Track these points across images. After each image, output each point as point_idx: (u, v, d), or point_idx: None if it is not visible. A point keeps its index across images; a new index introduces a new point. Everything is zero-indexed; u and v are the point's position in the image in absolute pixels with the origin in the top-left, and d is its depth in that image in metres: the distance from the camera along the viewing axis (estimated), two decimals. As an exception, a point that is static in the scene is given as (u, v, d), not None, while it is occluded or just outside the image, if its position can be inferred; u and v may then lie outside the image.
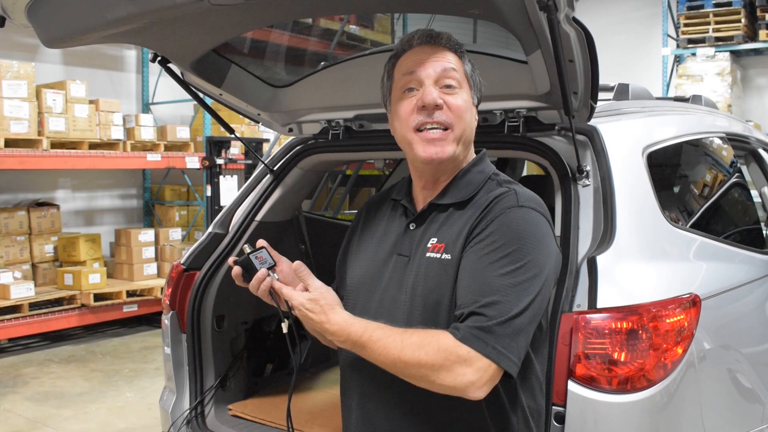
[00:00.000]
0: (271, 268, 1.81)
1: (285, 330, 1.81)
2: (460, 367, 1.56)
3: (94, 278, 7.29)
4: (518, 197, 1.71)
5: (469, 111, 1.77)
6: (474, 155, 1.86)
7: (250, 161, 7.71)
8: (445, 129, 1.73)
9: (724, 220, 3.00)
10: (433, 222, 1.79)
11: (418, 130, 1.74)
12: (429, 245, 1.75)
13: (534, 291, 1.62)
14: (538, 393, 1.78)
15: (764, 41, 9.89)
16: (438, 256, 1.72)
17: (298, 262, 1.76)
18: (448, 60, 1.76)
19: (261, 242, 1.84)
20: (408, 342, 1.60)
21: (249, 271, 1.81)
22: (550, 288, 1.72)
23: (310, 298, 1.70)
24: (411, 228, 1.82)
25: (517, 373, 1.62)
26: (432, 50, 1.77)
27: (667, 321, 1.95)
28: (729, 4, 10.08)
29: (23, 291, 6.81)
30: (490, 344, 1.56)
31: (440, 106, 1.72)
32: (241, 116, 2.95)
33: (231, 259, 1.84)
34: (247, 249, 1.82)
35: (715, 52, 10.03)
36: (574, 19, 1.80)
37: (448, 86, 1.74)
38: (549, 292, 1.72)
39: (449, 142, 1.74)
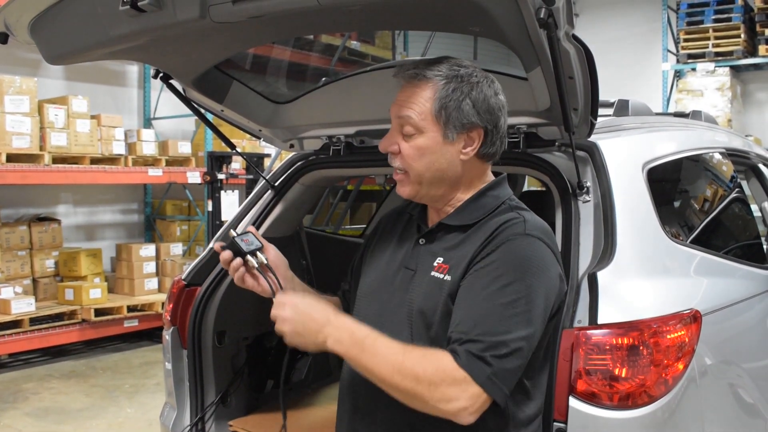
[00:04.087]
0: (259, 249, 1.83)
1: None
2: (454, 390, 1.57)
3: (95, 293, 7.29)
4: (526, 225, 1.73)
5: (430, 154, 1.76)
6: (490, 179, 1.88)
7: (251, 176, 7.72)
8: (405, 171, 1.79)
9: (725, 235, 3.00)
10: (442, 241, 1.82)
11: None
12: (435, 264, 1.78)
13: (533, 323, 1.64)
14: (532, 416, 1.79)
15: (764, 56, 9.93)
16: (441, 276, 1.75)
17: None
18: (414, 102, 1.75)
19: (249, 228, 1.91)
20: (409, 355, 1.61)
21: (237, 254, 1.83)
22: (546, 319, 1.73)
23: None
24: (420, 243, 1.86)
25: (517, 400, 1.68)
26: (405, 88, 1.79)
27: (668, 337, 1.95)
28: (729, 20, 10.12)
29: (24, 306, 6.80)
30: (487, 373, 1.58)
31: (394, 152, 1.79)
32: (242, 131, 2.96)
33: (218, 245, 1.86)
34: (233, 233, 1.85)
35: (715, 67, 10.07)
36: (574, 36, 1.81)
37: (407, 134, 1.77)
38: (545, 323, 1.72)
39: (407, 184, 1.81)
